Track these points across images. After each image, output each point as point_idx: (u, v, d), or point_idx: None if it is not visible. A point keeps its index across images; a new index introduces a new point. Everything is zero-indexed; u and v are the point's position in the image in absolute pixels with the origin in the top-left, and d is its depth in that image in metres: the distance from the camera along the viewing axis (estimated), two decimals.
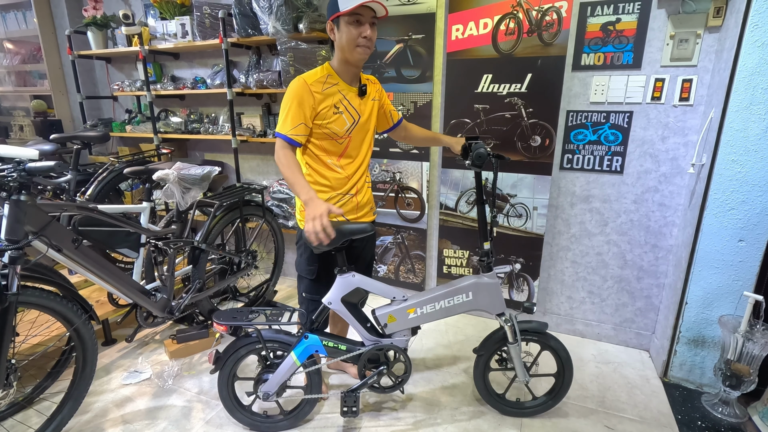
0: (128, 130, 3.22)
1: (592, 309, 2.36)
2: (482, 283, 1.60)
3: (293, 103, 1.46)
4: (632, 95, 2.02)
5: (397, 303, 1.62)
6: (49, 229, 1.47)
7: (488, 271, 1.62)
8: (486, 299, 1.60)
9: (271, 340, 1.62)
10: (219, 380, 1.65)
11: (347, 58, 1.49)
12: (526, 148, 2.25)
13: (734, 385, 1.77)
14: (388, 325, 1.62)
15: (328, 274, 1.64)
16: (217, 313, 1.59)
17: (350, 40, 1.44)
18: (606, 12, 1.99)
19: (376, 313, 1.63)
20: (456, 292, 1.59)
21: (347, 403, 1.61)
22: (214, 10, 2.64)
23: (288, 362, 1.58)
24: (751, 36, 1.60)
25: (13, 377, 1.45)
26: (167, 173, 1.91)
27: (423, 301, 1.60)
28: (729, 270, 1.82)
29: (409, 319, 1.61)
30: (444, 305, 1.60)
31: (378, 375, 1.65)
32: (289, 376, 1.62)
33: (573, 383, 2.01)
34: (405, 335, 1.64)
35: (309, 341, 1.58)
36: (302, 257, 1.69)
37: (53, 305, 1.52)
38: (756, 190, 1.71)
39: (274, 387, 1.60)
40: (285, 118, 1.47)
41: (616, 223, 2.20)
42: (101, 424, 1.74)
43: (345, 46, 1.45)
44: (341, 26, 1.44)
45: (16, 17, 3.65)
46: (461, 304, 1.60)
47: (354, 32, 1.43)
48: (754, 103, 1.64)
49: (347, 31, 1.43)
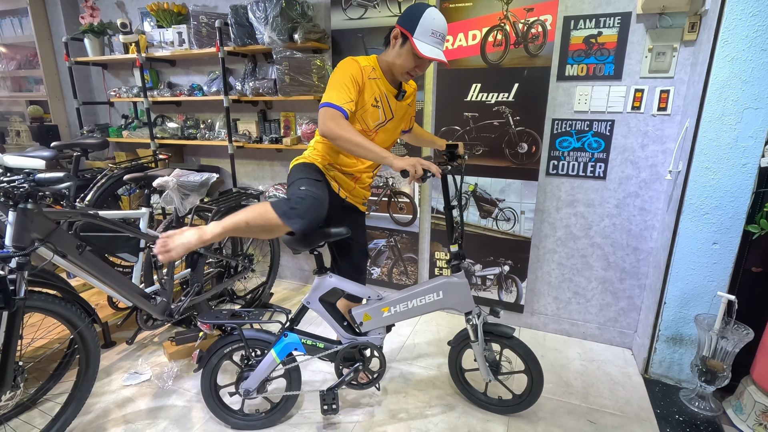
0: (125, 135, 3.27)
1: (578, 309, 2.45)
2: (451, 283, 1.67)
3: (347, 79, 1.45)
4: (614, 105, 2.12)
5: (372, 302, 1.70)
6: (55, 236, 1.53)
7: (457, 271, 1.68)
8: (455, 298, 1.68)
9: (252, 339, 1.69)
10: (202, 378, 1.73)
11: (393, 71, 1.56)
12: (513, 154, 2.34)
13: (709, 380, 1.87)
14: (364, 324, 1.70)
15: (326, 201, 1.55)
16: (202, 314, 1.66)
17: (405, 66, 1.51)
18: (588, 25, 2.08)
19: (351, 312, 1.71)
20: (427, 291, 1.67)
21: (326, 401, 1.69)
22: (210, 20, 2.70)
23: (268, 359, 1.65)
24: (722, 51, 1.70)
25: (20, 379, 1.51)
26: (167, 180, 1.97)
27: (396, 300, 1.68)
28: (704, 271, 1.92)
29: (384, 318, 1.69)
30: (416, 304, 1.68)
31: (355, 372, 1.72)
32: (268, 373, 1.69)
33: (558, 380, 2.10)
34: (380, 333, 1.73)
35: (288, 339, 1.66)
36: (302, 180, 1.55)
37: (58, 309, 1.58)
38: (728, 196, 1.81)
39: (254, 384, 1.68)
40: (339, 90, 1.43)
41: (599, 227, 2.29)
42: (104, 424, 1.80)
43: (398, 65, 1.51)
44: (406, 47, 1.48)
45: (12, 23, 3.68)
46: (432, 303, 1.68)
47: (412, 63, 1.50)
48: (725, 114, 1.75)
49: (408, 58, 1.49)
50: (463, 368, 1.92)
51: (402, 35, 1.49)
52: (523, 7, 2.14)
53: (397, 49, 1.51)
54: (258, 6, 2.44)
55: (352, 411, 1.88)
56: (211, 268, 2.44)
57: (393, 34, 1.52)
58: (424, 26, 1.45)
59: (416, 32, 1.45)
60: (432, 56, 1.45)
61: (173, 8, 2.89)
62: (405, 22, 1.47)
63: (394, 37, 1.52)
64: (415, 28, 1.44)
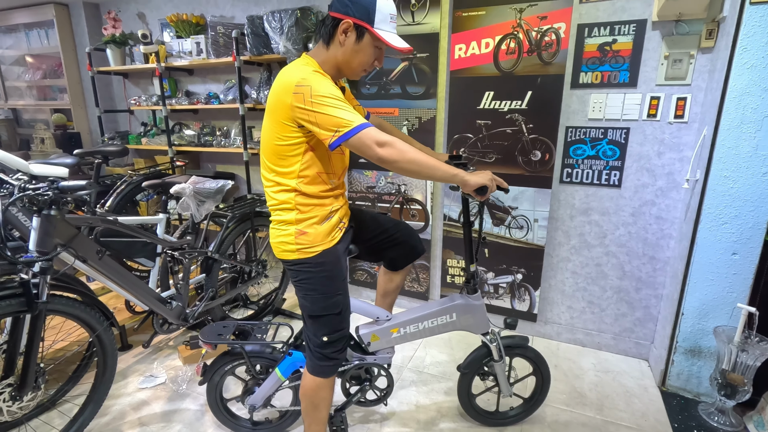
0: (144, 142, 3.36)
1: (592, 319, 2.42)
2: (466, 305, 1.60)
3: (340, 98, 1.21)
4: (629, 112, 2.10)
5: (380, 323, 1.64)
6: (76, 242, 1.58)
7: (473, 293, 1.61)
8: (470, 320, 1.62)
9: (255, 356, 1.66)
10: (207, 391, 1.73)
11: (344, 71, 1.34)
12: (526, 162, 2.33)
13: (729, 394, 1.82)
14: (372, 344, 1.65)
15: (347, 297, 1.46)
16: (203, 330, 1.65)
17: (366, 63, 1.31)
18: (603, 33, 2.07)
19: (359, 332, 1.66)
20: (440, 313, 1.61)
21: (335, 424, 1.66)
22: (227, 30, 2.76)
23: (273, 378, 1.62)
24: (741, 58, 1.68)
25: (41, 380, 1.55)
26: (183, 187, 2.02)
27: (407, 321, 1.62)
28: (723, 282, 1.87)
29: (392, 338, 1.64)
30: (428, 326, 1.62)
31: (362, 391, 1.69)
32: (273, 391, 1.66)
33: (572, 391, 2.07)
34: (388, 353, 1.69)
35: (293, 358, 1.61)
36: (316, 293, 1.38)
37: (78, 313, 1.63)
38: (748, 206, 1.77)
39: (259, 400, 1.66)
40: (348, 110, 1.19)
41: (614, 235, 2.26)
42: (119, 426, 1.83)
43: (356, 63, 1.30)
44: (365, 42, 1.26)
45: (39, 35, 3.83)
46: (445, 325, 1.62)
47: (372, 57, 1.31)
48: (744, 122, 1.71)
49: (369, 54, 1.29)
50: (473, 394, 1.81)
51: (357, 28, 1.25)
52: (536, 15, 2.14)
53: (351, 45, 1.26)
54: (273, 16, 2.49)
55: (361, 426, 1.87)
56: (226, 274, 2.48)
57: (342, 28, 1.24)
58: (382, 13, 1.24)
59: (376, 22, 1.24)
60: (403, 47, 1.28)
61: (192, 19, 2.96)
62: (357, 11, 1.23)
63: (343, 31, 1.25)
64: (374, 17, 1.23)
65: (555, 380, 2.15)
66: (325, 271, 1.39)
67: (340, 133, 1.17)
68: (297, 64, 1.28)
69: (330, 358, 1.44)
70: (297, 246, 1.35)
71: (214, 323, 1.76)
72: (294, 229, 1.35)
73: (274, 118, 1.27)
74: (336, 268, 1.42)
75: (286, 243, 1.36)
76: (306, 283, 1.39)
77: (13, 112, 4.34)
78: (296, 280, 1.41)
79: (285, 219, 1.35)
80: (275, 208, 1.37)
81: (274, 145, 1.29)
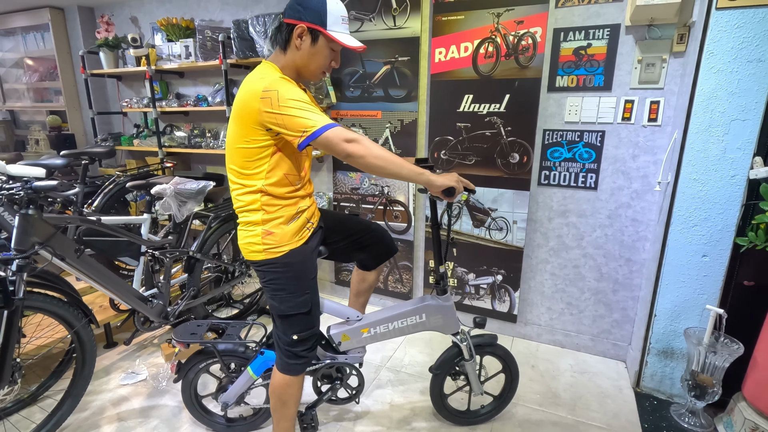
0: (136, 144, 3.41)
1: (571, 320, 2.43)
2: (436, 306, 1.63)
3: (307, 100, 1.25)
4: (604, 115, 2.12)
5: (351, 323, 1.67)
6: (54, 240, 1.62)
7: (443, 293, 1.63)
8: (440, 321, 1.64)
9: (228, 354, 1.69)
10: (182, 388, 1.77)
11: (303, 74, 1.38)
12: (505, 164, 2.36)
13: (699, 395, 1.83)
14: (342, 344, 1.68)
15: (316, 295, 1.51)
16: (177, 329, 1.69)
17: (323, 65, 1.35)
18: (578, 37, 2.10)
19: (330, 332, 1.69)
20: (410, 314, 1.64)
21: (305, 421, 1.69)
22: (215, 34, 2.81)
23: (245, 377, 1.65)
24: (708, 62, 1.70)
25: (17, 374, 1.59)
26: (164, 188, 2.06)
27: (377, 321, 1.65)
28: (694, 284, 1.89)
29: (363, 338, 1.67)
30: (398, 326, 1.65)
31: (333, 390, 1.73)
32: (246, 389, 1.70)
33: (547, 391, 2.09)
34: (359, 352, 1.71)
35: (265, 357, 1.64)
36: (284, 292, 1.41)
37: (56, 309, 1.67)
38: (717, 208, 1.79)
39: (232, 398, 1.70)
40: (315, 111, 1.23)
41: (591, 237, 2.28)
42: (98, 421, 1.87)
43: (315, 66, 1.34)
44: (320, 45, 1.31)
45: (35, 38, 3.90)
46: (415, 325, 1.65)
47: (329, 59, 1.36)
48: (712, 125, 1.73)
49: (326, 56, 1.34)
50: (446, 394, 1.82)
51: (311, 31, 1.29)
52: (513, 20, 2.17)
53: (308, 49, 1.30)
54: (258, 20, 2.54)
55: (335, 424, 1.90)
56: (210, 273, 2.52)
57: (297, 33, 1.28)
58: (333, 15, 1.28)
59: (329, 24, 1.28)
60: (356, 46, 1.32)
61: (181, 23, 3.02)
62: (310, 16, 1.27)
63: (298, 36, 1.29)
64: (326, 20, 1.27)
65: (531, 381, 2.17)
66: (292, 270, 1.42)
67: (307, 133, 1.21)
68: (260, 70, 1.31)
69: (299, 356, 1.47)
70: (264, 246, 1.39)
71: (188, 322, 1.80)
72: (261, 229, 1.38)
73: (242, 123, 1.30)
74: (304, 267, 1.45)
75: (253, 244, 1.39)
76: (274, 283, 1.42)
77: (11, 113, 4.42)
78: (264, 280, 1.44)
79: (251, 220, 1.39)
80: (242, 209, 1.40)
81: (240, 149, 1.33)
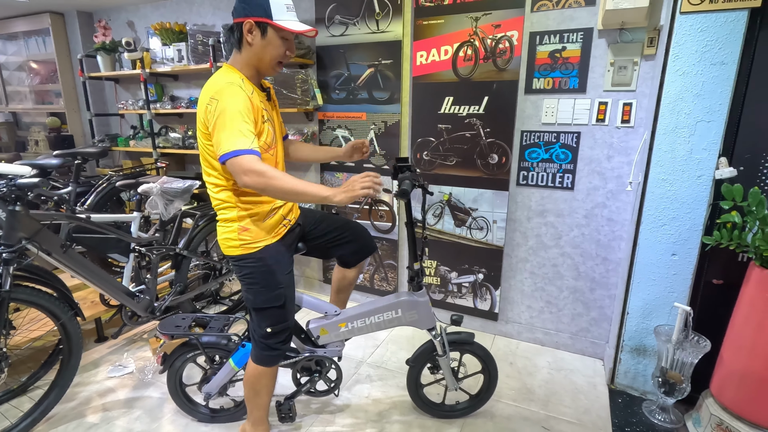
0: (131, 144, 3.50)
1: (551, 318, 2.47)
2: (411, 301, 1.67)
3: (242, 112, 1.27)
4: (579, 117, 2.17)
5: (329, 317, 1.73)
6: (40, 236, 1.69)
7: (418, 289, 1.68)
8: (414, 316, 1.68)
9: (211, 347, 1.75)
10: (168, 378, 1.83)
11: (261, 69, 1.40)
12: (485, 165, 2.41)
13: (669, 392, 1.87)
14: (321, 337, 1.73)
15: (291, 290, 1.56)
16: (162, 322, 1.76)
17: (277, 56, 1.37)
18: (553, 41, 2.14)
19: (309, 326, 1.74)
20: (385, 309, 1.68)
21: (282, 411, 1.75)
22: (206, 38, 2.89)
23: (226, 368, 1.72)
24: (673, 65, 1.74)
25: (4, 364, 1.67)
26: (151, 186, 2.13)
27: (353, 316, 1.70)
28: (664, 282, 1.92)
29: (340, 332, 1.72)
30: (374, 321, 1.70)
31: (311, 382, 1.78)
32: (228, 380, 1.76)
33: (522, 387, 2.13)
34: (338, 346, 1.77)
35: (246, 349, 1.69)
36: (258, 286, 1.47)
37: (42, 302, 1.74)
38: (685, 208, 1.83)
39: (215, 389, 1.76)
40: (238, 129, 1.25)
41: (569, 237, 2.32)
42: (83, 411, 1.94)
43: (269, 59, 1.36)
44: (270, 36, 1.33)
45: (37, 42, 4.01)
46: (391, 320, 1.69)
47: (282, 49, 1.36)
48: (679, 127, 1.77)
49: (278, 46, 1.35)
50: (421, 383, 1.89)
51: (258, 25, 1.32)
52: (491, 24, 2.23)
53: (259, 43, 1.33)
54: None
55: (315, 416, 1.96)
56: (198, 270, 2.59)
57: (246, 29, 1.32)
58: (277, 4, 1.31)
59: (274, 14, 1.30)
60: (304, 29, 1.34)
61: (175, 27, 3.10)
62: (254, 10, 1.30)
63: (248, 31, 1.32)
64: (270, 10, 1.30)
65: (508, 377, 2.21)
66: (266, 265, 1.48)
67: (222, 152, 1.26)
68: (218, 75, 1.38)
69: (273, 348, 1.53)
70: (240, 242, 1.45)
71: (174, 316, 1.87)
72: (236, 225, 1.45)
73: (200, 124, 1.38)
74: (278, 262, 1.51)
75: (230, 239, 1.46)
76: (249, 277, 1.49)
77: (13, 115, 4.54)
78: (240, 275, 1.51)
79: (228, 217, 1.46)
80: (219, 207, 1.47)
81: (206, 149, 1.40)
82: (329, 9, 2.63)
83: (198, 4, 3.18)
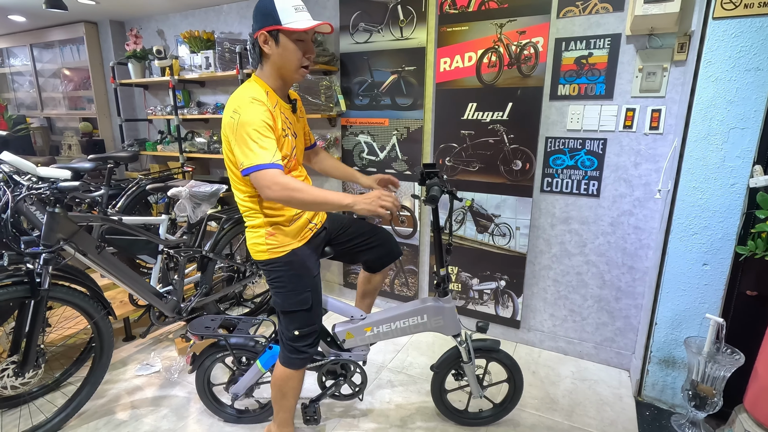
0: (159, 149, 3.60)
1: (574, 327, 2.43)
2: (437, 307, 1.67)
3: (262, 127, 1.30)
4: (605, 123, 2.14)
5: (355, 321, 1.74)
6: (77, 237, 1.76)
7: (444, 295, 1.67)
8: (440, 322, 1.68)
9: (239, 348, 1.79)
10: (196, 377, 1.87)
11: (286, 77, 1.41)
12: (508, 171, 2.39)
13: (699, 405, 1.81)
14: (347, 341, 1.75)
15: (318, 294, 1.58)
16: (192, 323, 1.80)
17: (297, 61, 1.36)
18: (579, 47, 2.13)
19: (335, 329, 1.76)
20: (411, 314, 1.69)
21: (307, 413, 1.77)
22: (233, 45, 2.96)
23: (254, 369, 1.75)
24: (706, 71, 1.71)
25: (41, 360, 1.73)
26: (180, 190, 2.19)
27: (379, 320, 1.71)
28: (695, 292, 1.88)
29: (366, 337, 1.73)
30: (400, 326, 1.70)
31: (336, 385, 1.80)
32: (255, 382, 1.79)
33: (545, 397, 2.10)
34: (363, 350, 1.78)
35: (273, 351, 1.73)
36: (286, 289, 1.50)
37: (77, 301, 1.81)
38: (717, 216, 1.78)
39: (242, 390, 1.79)
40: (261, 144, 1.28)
41: (594, 245, 2.29)
42: (113, 408, 2.00)
43: (288, 65, 1.37)
44: (283, 42, 1.33)
45: (71, 50, 4.18)
46: (416, 326, 1.70)
47: (300, 53, 1.36)
48: (711, 134, 1.74)
49: (294, 51, 1.34)
50: (446, 389, 1.88)
51: (271, 34, 1.33)
52: (516, 30, 2.22)
53: (277, 51, 1.34)
54: None
55: (338, 420, 1.97)
56: (223, 273, 2.64)
57: (261, 41, 1.34)
58: (283, 9, 1.31)
59: (282, 19, 1.31)
60: (313, 25, 1.33)
61: (203, 35, 3.19)
62: (264, 21, 1.32)
63: (264, 43, 1.34)
64: (279, 16, 1.30)
65: (530, 386, 2.18)
66: (294, 269, 1.51)
67: (243, 167, 1.30)
68: (243, 87, 1.41)
69: (300, 351, 1.55)
70: (267, 246, 1.49)
71: (203, 317, 1.91)
72: (264, 231, 1.48)
73: (224, 135, 1.41)
74: (305, 266, 1.53)
75: (258, 244, 1.50)
76: (277, 281, 1.52)
77: (47, 120, 4.72)
78: (269, 278, 1.54)
79: (255, 223, 1.49)
80: (246, 214, 1.51)
81: (230, 158, 1.43)
82: (354, 16, 2.67)
83: (225, 13, 3.27)
